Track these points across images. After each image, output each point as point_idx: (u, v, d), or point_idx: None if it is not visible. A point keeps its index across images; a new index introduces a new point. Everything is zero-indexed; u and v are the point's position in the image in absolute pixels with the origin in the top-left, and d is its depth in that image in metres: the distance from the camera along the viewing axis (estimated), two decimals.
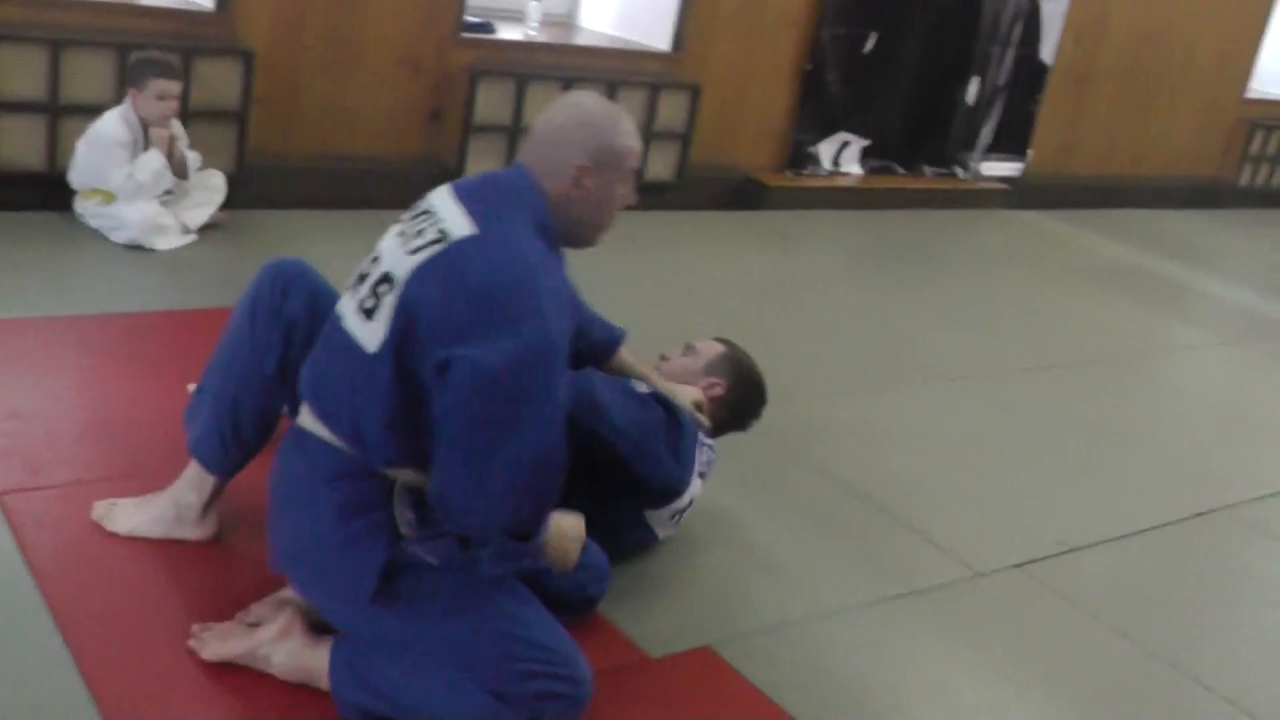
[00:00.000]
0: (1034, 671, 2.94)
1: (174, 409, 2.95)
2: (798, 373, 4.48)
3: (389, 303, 2.24)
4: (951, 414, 4.42)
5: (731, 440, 3.77)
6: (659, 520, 3.03)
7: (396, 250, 2.29)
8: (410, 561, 2.29)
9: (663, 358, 3.28)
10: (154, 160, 4.49)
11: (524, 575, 2.40)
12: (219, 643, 2.41)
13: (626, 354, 3.06)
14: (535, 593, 2.40)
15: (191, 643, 2.43)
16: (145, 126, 4.52)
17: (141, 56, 4.52)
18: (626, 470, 2.87)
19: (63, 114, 4.62)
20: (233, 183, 4.97)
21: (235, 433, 2.67)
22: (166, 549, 2.73)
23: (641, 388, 3.05)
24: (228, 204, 4.89)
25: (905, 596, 3.13)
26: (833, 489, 3.64)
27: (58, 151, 4.62)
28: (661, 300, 5.01)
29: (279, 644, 2.38)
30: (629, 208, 2.42)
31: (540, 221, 2.32)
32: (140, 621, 2.51)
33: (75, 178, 4.59)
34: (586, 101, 2.44)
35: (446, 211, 2.29)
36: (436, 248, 2.24)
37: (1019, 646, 3.02)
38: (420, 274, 2.22)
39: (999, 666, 2.92)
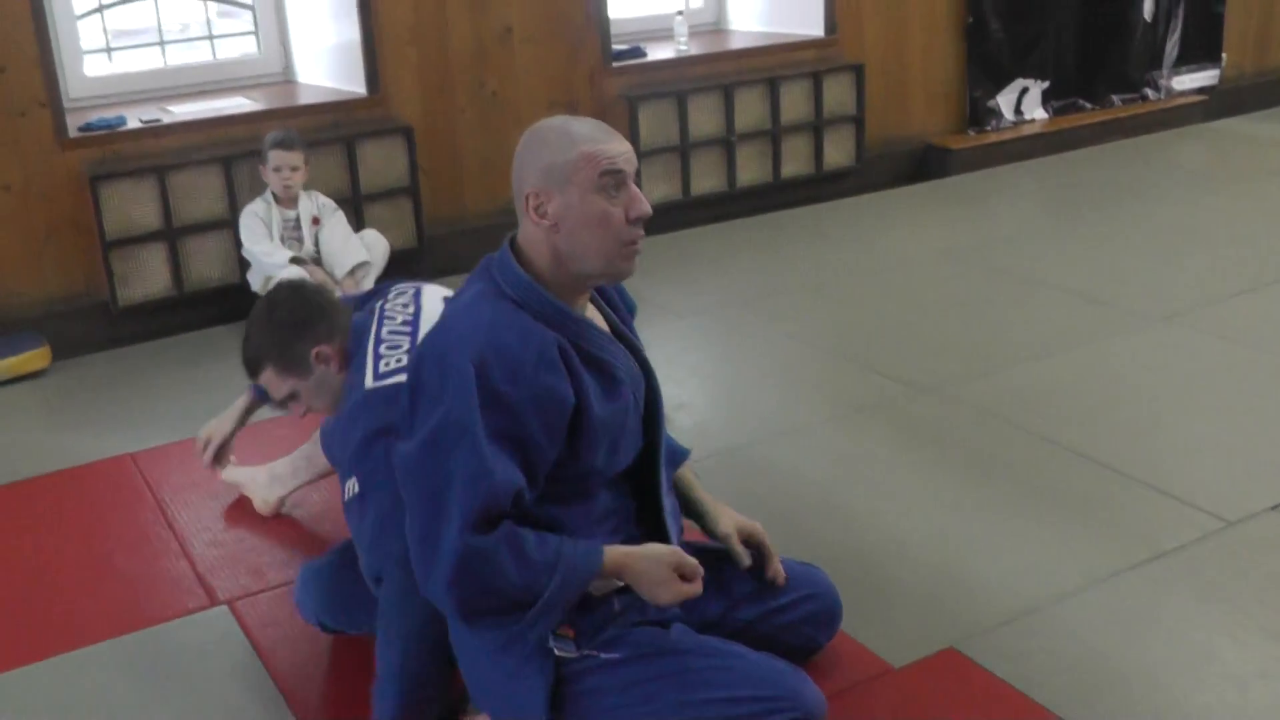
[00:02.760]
0: None
1: None
2: (1008, 339, 4.31)
3: None
4: (1176, 354, 4.14)
5: (947, 424, 3.68)
6: None
7: None
8: (574, 673, 2.22)
9: None
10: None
11: (755, 641, 2.35)
12: None
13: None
14: (766, 649, 2.32)
15: None
16: (277, 200, 4.59)
17: (268, 136, 4.59)
18: None
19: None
20: (416, 256, 5.07)
21: None
22: None
23: None
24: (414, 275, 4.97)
25: (1153, 560, 2.93)
26: (1060, 457, 3.46)
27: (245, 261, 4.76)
28: (852, 288, 4.90)
29: None
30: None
31: (497, 285, 2.18)
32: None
33: (251, 278, 4.70)
34: (535, 126, 2.22)
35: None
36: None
37: None
38: None
39: (1266, 623, 2.69)
